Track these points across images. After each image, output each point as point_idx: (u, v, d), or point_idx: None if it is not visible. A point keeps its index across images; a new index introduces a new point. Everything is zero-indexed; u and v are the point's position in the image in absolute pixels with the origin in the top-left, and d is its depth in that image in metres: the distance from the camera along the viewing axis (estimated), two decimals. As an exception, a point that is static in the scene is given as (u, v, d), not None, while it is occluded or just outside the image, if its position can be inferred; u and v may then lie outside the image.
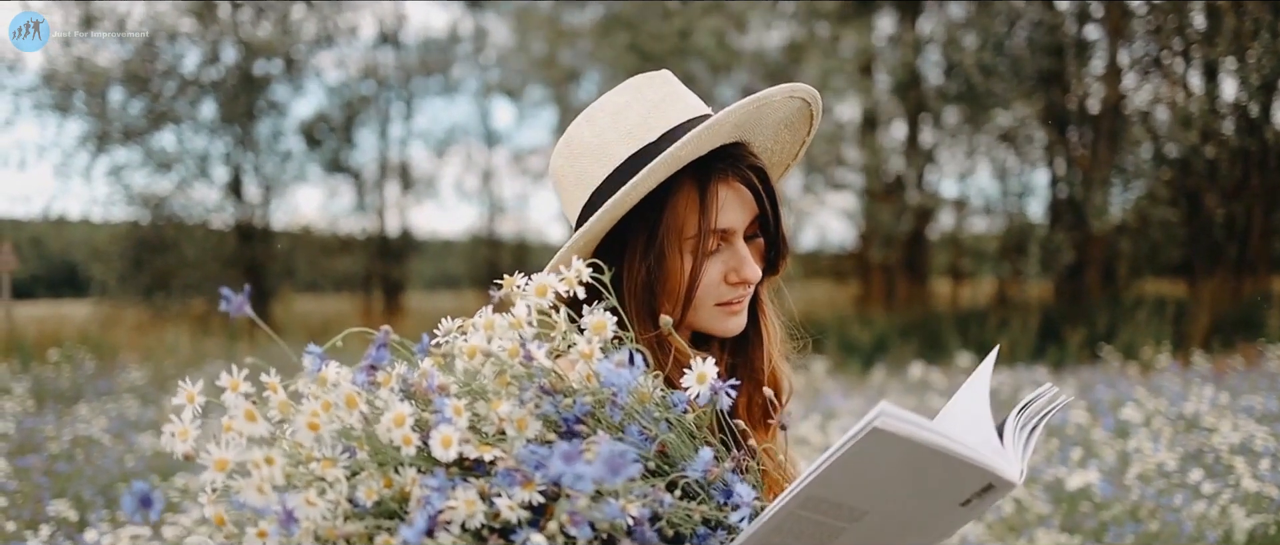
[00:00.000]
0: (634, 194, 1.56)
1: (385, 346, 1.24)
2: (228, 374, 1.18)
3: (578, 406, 1.22)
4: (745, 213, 1.64)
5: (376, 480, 1.17)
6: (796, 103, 1.67)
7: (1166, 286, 20.03)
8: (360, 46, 23.83)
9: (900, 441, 1.02)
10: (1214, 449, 6.08)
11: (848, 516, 1.13)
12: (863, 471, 1.07)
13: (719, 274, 1.64)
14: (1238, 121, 18.10)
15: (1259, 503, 5.14)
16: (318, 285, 23.01)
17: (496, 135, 25.52)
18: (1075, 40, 18.73)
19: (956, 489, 1.11)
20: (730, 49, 18.41)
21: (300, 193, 47.37)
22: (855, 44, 18.35)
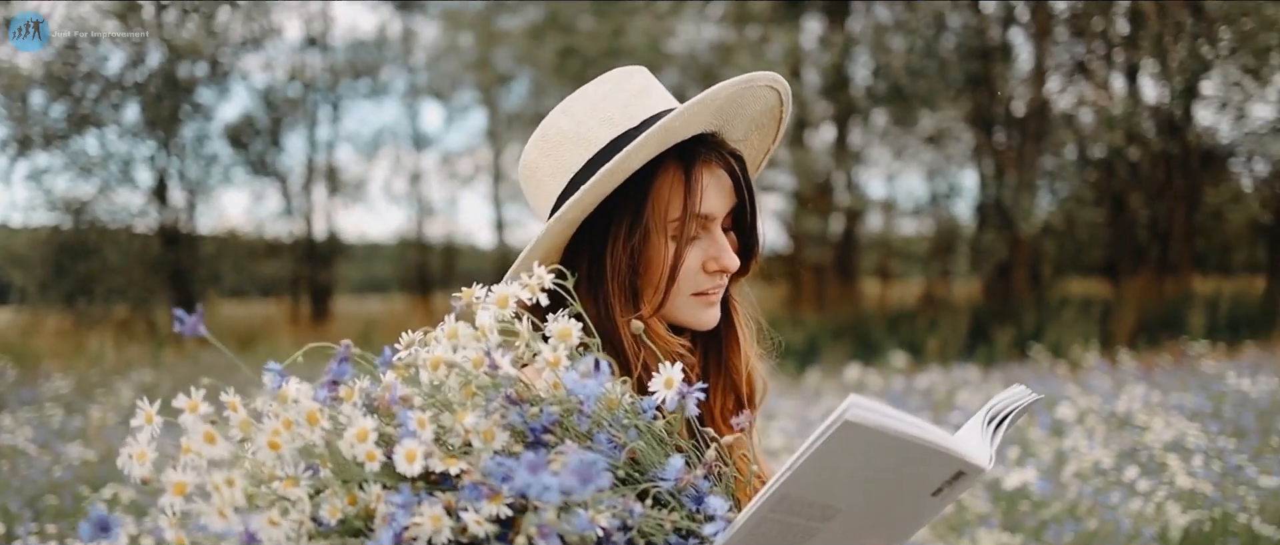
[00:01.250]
0: (623, 168, 1.55)
1: (347, 361, 1.21)
2: (186, 394, 1.14)
3: (544, 416, 1.19)
4: (725, 200, 1.64)
5: (340, 498, 1.13)
6: (772, 97, 1.67)
7: (1091, 286, 20.35)
8: (287, 49, 23.61)
9: (872, 433, 1.01)
10: (1147, 447, 6.15)
11: (820, 515, 1.12)
12: (835, 467, 1.06)
13: (698, 261, 1.64)
14: (1160, 124, 18.41)
15: (1193, 499, 5.21)
16: (244, 290, 22.74)
17: (425, 138, 25.43)
18: (1001, 44, 18.96)
19: (927, 479, 1.11)
20: (661, 51, 18.43)
21: (226, 197, 46.81)
22: (784, 46, 18.43)
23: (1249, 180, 20.96)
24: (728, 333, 1.76)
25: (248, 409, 1.18)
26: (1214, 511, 5.13)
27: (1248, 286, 19.47)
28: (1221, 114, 19.19)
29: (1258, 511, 5.11)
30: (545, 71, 19.75)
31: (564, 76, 19.03)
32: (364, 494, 1.13)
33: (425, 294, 24.05)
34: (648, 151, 1.55)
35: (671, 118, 1.53)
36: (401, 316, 21.14)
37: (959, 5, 18.60)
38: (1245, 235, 21.42)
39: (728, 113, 1.64)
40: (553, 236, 1.60)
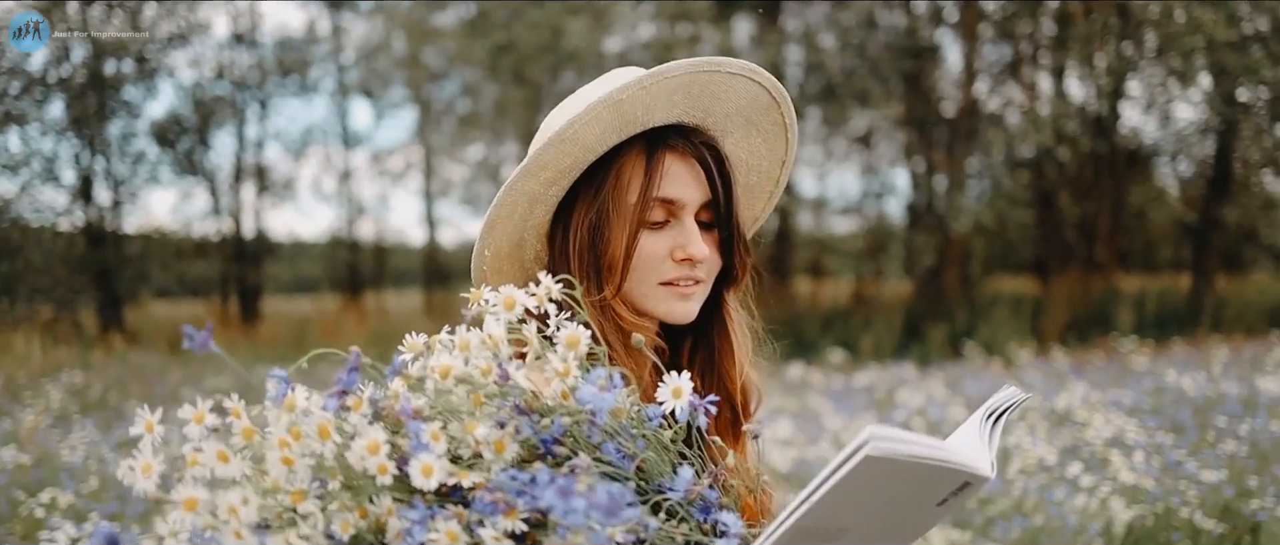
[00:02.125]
0: (571, 138, 1.55)
1: (356, 370, 1.17)
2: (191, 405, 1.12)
3: (555, 426, 1.17)
4: (696, 191, 1.63)
5: (351, 512, 1.10)
6: (755, 91, 1.64)
7: (1020, 284, 20.60)
8: (214, 46, 23.32)
9: (892, 463, 1.01)
10: (1089, 443, 6.23)
11: (831, 537, 1.12)
12: (852, 497, 1.06)
13: (665, 249, 1.63)
14: (1087, 124, 18.68)
15: (1136, 495, 5.29)
16: (172, 290, 22.44)
17: (355, 136, 25.19)
18: (930, 44, 19.16)
19: (935, 491, 1.11)
20: (596, 50, 18.40)
21: (153, 195, 46.21)
22: (717, 43, 18.47)
23: (1173, 180, 21.37)
24: (721, 339, 1.76)
25: (251, 417, 1.14)
26: (1157, 506, 5.21)
27: (1172, 284, 19.81)
28: (1147, 115, 19.55)
29: (1199, 506, 5.20)
30: (479, 69, 19.66)
31: (498, 74, 18.95)
32: (374, 507, 1.11)
33: (356, 293, 23.87)
34: (601, 125, 1.56)
35: (621, 88, 1.53)
36: (333, 316, 20.98)
37: (891, 5, 18.76)
38: (1169, 234, 21.82)
39: (704, 103, 1.63)
40: (506, 208, 1.62)
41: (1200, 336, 14.02)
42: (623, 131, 1.60)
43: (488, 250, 1.69)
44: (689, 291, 1.65)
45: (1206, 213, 18.97)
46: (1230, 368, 9.85)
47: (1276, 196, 20.18)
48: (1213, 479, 5.33)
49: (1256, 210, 19.11)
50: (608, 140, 1.60)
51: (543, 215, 1.68)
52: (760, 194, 1.83)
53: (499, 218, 1.64)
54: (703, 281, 1.67)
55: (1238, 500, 5.37)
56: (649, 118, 1.60)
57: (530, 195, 1.63)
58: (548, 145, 1.56)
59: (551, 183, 1.63)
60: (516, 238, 1.70)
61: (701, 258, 1.62)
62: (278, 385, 1.17)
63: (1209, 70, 17.28)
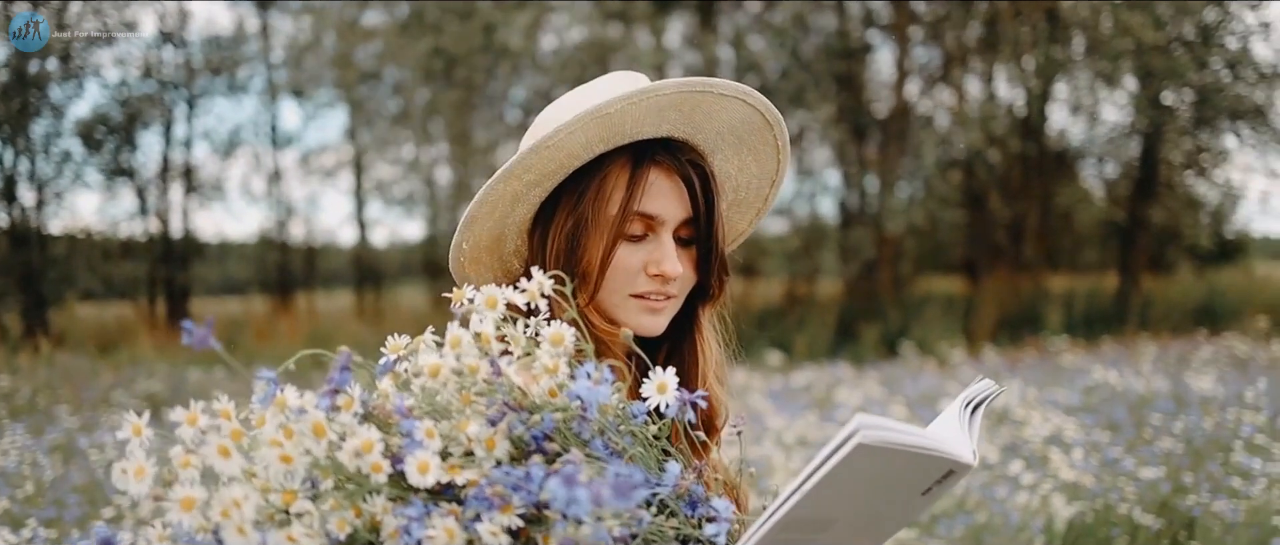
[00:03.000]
0: (555, 144, 1.56)
1: (348, 369, 1.17)
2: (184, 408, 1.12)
3: (546, 422, 1.17)
4: (678, 207, 1.64)
5: (346, 510, 1.10)
6: (746, 112, 1.65)
7: (950, 284, 20.80)
8: (141, 45, 22.94)
9: (882, 451, 1.03)
10: (1027, 441, 6.31)
11: (819, 528, 1.13)
12: (842, 487, 1.07)
13: (639, 263, 1.63)
14: (1015, 126, 18.92)
15: (1076, 492, 5.37)
16: (98, 292, 22.08)
17: (285, 136, 24.94)
18: (862, 45, 19.31)
19: (920, 480, 1.13)
20: (531, 51, 18.36)
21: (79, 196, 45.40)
22: (651, 45, 18.51)
23: (1099, 182, 21.69)
24: (690, 354, 1.76)
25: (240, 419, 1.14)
26: (1096, 503, 5.30)
27: (1099, 284, 20.09)
28: (1074, 117, 19.83)
29: (1137, 502, 5.29)
30: (410, 69, 19.54)
31: (431, 75, 18.85)
32: (368, 506, 1.11)
33: (286, 294, 23.62)
34: (587, 135, 1.56)
35: (610, 103, 1.53)
36: (263, 318, 20.76)
37: (822, 6, 18.88)
38: (1095, 234, 22.14)
39: (695, 120, 1.64)
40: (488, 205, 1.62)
41: (1128, 335, 14.25)
42: (609, 142, 1.61)
43: (465, 243, 1.69)
44: (659, 305, 1.66)
45: (1132, 213, 19.27)
46: (1159, 366, 10.02)
47: (1199, 198, 20.57)
48: (1150, 476, 5.42)
49: (1180, 211, 19.46)
50: (594, 148, 1.61)
51: (525, 213, 1.68)
52: (747, 210, 1.84)
53: (480, 214, 1.64)
54: (675, 297, 1.68)
55: (1174, 496, 5.48)
56: (637, 130, 1.61)
57: (512, 194, 1.63)
58: (533, 150, 1.56)
59: (534, 184, 1.63)
60: (496, 232, 1.70)
61: (675, 276, 1.63)
62: (266, 386, 1.16)
63: (1135, 73, 17.56)
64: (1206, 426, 6.40)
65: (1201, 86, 17.53)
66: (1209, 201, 20.77)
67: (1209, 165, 19.90)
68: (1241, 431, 6.04)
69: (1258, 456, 5.55)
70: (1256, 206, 33.68)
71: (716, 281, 1.70)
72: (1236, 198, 20.52)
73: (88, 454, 6.57)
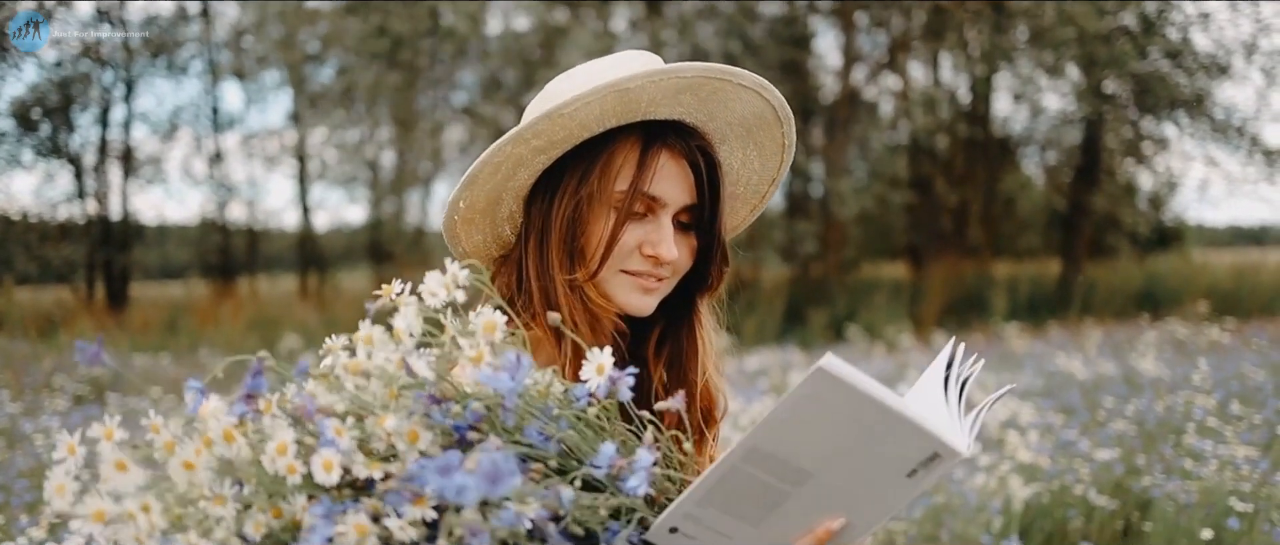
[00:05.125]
0: (565, 114, 1.55)
1: (261, 374, 1.20)
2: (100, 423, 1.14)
3: (468, 413, 1.17)
4: (682, 192, 1.62)
5: (265, 512, 1.13)
6: (760, 105, 1.63)
7: (895, 270, 20.93)
8: (77, 23, 22.57)
9: (843, 387, 1.04)
10: (984, 425, 6.35)
11: (793, 479, 1.13)
12: (808, 424, 1.08)
13: (635, 241, 1.62)
14: (959, 113, 19.06)
15: (1033, 473, 5.41)
16: (35, 275, 21.74)
17: (227, 118, 24.64)
18: (808, 32, 19.36)
19: (902, 456, 1.11)
20: (479, 34, 18.26)
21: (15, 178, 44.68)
22: (597, 31, 18.45)
23: (1039, 169, 21.91)
24: (688, 342, 1.75)
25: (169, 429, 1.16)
26: (1052, 484, 5.35)
27: (1042, 269, 20.29)
28: (1018, 105, 20.00)
29: (1092, 483, 5.35)
30: (355, 52, 19.37)
31: (375, 57, 18.70)
32: (289, 507, 1.12)
33: (228, 278, 23.35)
34: (602, 107, 1.55)
35: (631, 77, 1.52)
36: (204, 302, 20.52)
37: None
38: (1037, 221, 22.36)
39: (709, 107, 1.62)
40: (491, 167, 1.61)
41: (1073, 320, 14.39)
42: (623, 117, 1.59)
43: (463, 203, 1.68)
44: (651, 286, 1.65)
45: (1074, 200, 19.47)
46: (1104, 350, 10.15)
47: (1139, 185, 20.83)
48: (1105, 457, 5.47)
49: (1121, 198, 19.69)
50: (606, 122, 1.59)
51: (526, 178, 1.67)
52: (744, 204, 1.83)
53: (482, 175, 1.63)
54: (667, 279, 1.67)
55: (1128, 477, 5.55)
56: (651, 110, 1.60)
57: (517, 158, 1.62)
58: (545, 116, 1.54)
59: (540, 151, 1.62)
60: (494, 195, 1.69)
61: (670, 260, 1.61)
62: (195, 396, 1.19)
63: (1078, 62, 17.74)
64: (1158, 409, 6.47)
65: (1142, 75, 17.74)
66: (1148, 189, 21.05)
67: (1149, 153, 20.17)
68: (1193, 414, 6.13)
69: (1208, 438, 5.63)
70: (1194, 194, 34.14)
71: (716, 270, 1.69)
72: (1175, 185, 20.82)
73: (33, 439, 6.46)
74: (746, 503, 1.16)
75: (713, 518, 1.17)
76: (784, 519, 1.18)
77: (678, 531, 1.19)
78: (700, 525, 1.18)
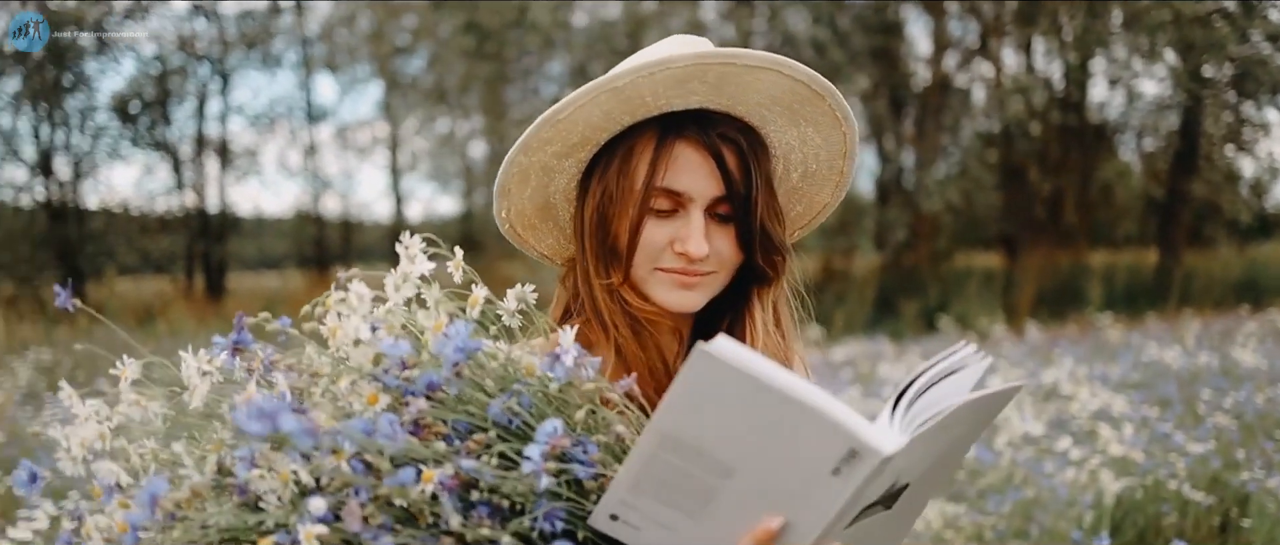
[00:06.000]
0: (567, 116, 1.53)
1: (244, 329, 1.28)
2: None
3: (422, 379, 1.18)
4: (708, 183, 1.56)
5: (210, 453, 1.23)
6: (785, 82, 1.55)
7: (989, 259, 20.67)
8: (174, 18, 22.95)
9: (727, 370, 1.03)
10: (1075, 417, 6.24)
11: (717, 471, 1.11)
12: (707, 409, 1.07)
13: (665, 239, 1.57)
14: (1053, 100, 18.76)
15: (1125, 467, 5.30)
16: (136, 266, 22.18)
17: (320, 110, 24.91)
18: (899, 19, 19.16)
19: (819, 452, 1.08)
20: (565, 25, 18.30)
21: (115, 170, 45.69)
22: (686, 19, 18.41)
23: (1136, 156, 21.50)
24: (739, 339, 1.66)
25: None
26: (1146, 479, 5.23)
27: (1139, 258, 19.93)
28: (1113, 90, 19.64)
29: (1187, 478, 5.22)
30: (444, 44, 19.51)
31: (464, 49, 18.82)
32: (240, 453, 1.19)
33: (322, 269, 23.65)
34: (602, 108, 1.53)
35: (618, 75, 1.49)
36: (300, 292, 20.79)
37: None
38: (1134, 209, 21.94)
39: (729, 92, 1.55)
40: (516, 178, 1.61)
41: (1171, 311, 14.11)
42: (635, 114, 1.55)
43: (503, 213, 1.67)
44: (690, 282, 1.59)
45: (1172, 188, 19.08)
46: (1203, 341, 9.91)
47: (1239, 171, 20.36)
48: (1200, 451, 5.35)
49: (1220, 185, 19.25)
50: (619, 120, 1.56)
51: (565, 183, 1.65)
52: (824, 184, 1.73)
53: (510, 185, 1.62)
54: (712, 273, 1.60)
55: (1226, 472, 5.41)
56: (663, 103, 1.55)
57: (541, 166, 1.60)
58: (544, 123, 1.52)
59: (563, 156, 1.60)
60: (540, 202, 1.67)
61: (698, 256, 1.55)
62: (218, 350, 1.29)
63: (1175, 46, 17.37)
64: (1258, 402, 6.31)
65: (1242, 59, 17.32)
66: (1249, 175, 20.56)
67: (1250, 139, 19.68)
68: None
69: (1311, 432, 5.49)
70: (1296, 181, 33.27)
71: (767, 262, 1.62)
72: (1277, 171, 20.30)
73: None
74: (679, 494, 1.14)
75: (650, 507, 1.15)
76: (721, 515, 1.15)
77: (619, 519, 1.17)
78: (640, 514, 1.16)
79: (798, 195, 1.74)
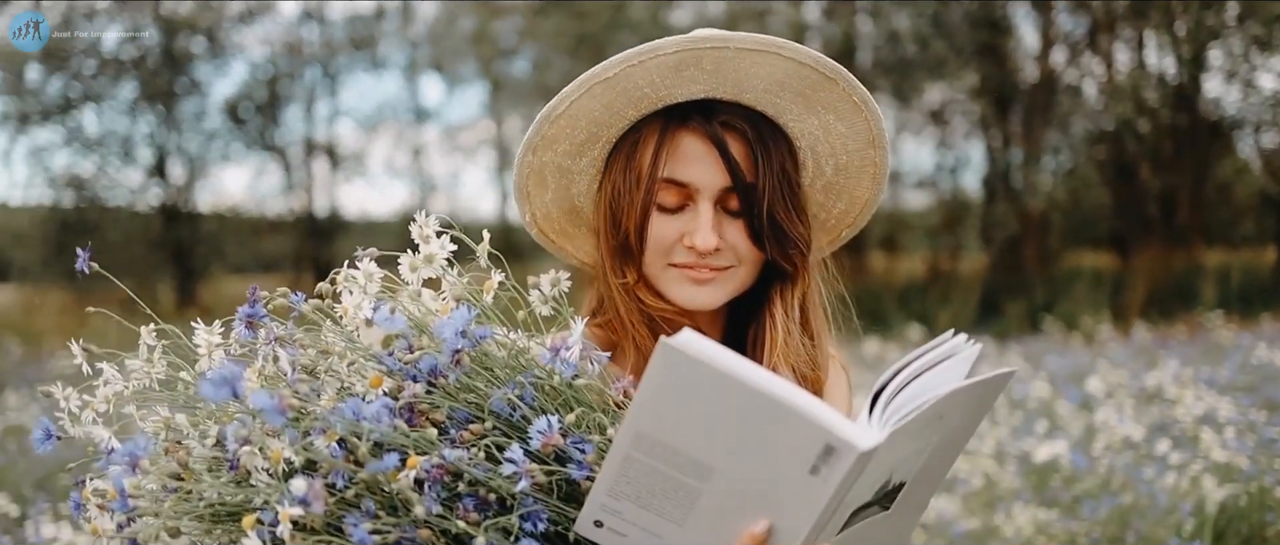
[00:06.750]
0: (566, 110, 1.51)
1: (257, 302, 1.28)
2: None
3: (425, 363, 1.17)
4: (714, 174, 1.51)
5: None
6: (787, 65, 1.49)
7: (1099, 259, 20.25)
8: (283, 22, 23.36)
9: (694, 365, 1.01)
10: (1178, 420, 6.06)
11: (696, 473, 1.09)
12: (679, 407, 1.05)
13: (674, 234, 1.53)
14: (1167, 95, 18.33)
15: (1229, 473, 5.12)
16: (247, 267, 22.64)
17: (426, 112, 25.20)
18: (1005, 14, 18.85)
19: (795, 449, 1.05)
20: (664, 25, 18.30)
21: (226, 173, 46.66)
22: (788, 17, 18.30)
23: (1254, 152, 20.89)
24: (758, 338, 1.63)
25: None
26: (1250, 485, 5.04)
27: (1256, 258, 19.38)
28: (1229, 85, 19.09)
29: (1295, 485, 5.03)
30: (548, 45, 19.61)
31: (567, 50, 18.91)
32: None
33: (427, 269, 23.95)
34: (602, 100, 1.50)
35: (608, 65, 1.46)
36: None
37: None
38: (1252, 207, 21.32)
39: (732, 79, 1.50)
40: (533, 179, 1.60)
41: (1287, 312, 13.70)
42: (637, 106, 1.51)
43: (527, 215, 1.65)
44: (704, 277, 1.54)
45: (1293, 186, 18.54)
46: (1321, 344, 9.58)
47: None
48: (1310, 457, 5.15)
49: (1343, 183, 18.66)
50: (623, 114, 1.52)
51: (585, 185, 1.63)
52: (860, 176, 1.66)
53: (527, 187, 1.60)
54: (729, 268, 1.56)
55: (1338, 480, 5.20)
56: (665, 95, 1.51)
57: (558, 168, 1.58)
58: (542, 120, 1.50)
59: (575, 155, 1.58)
60: (566, 206, 1.65)
61: (706, 249, 1.51)
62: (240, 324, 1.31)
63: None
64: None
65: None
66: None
67: (1372, 135, 19.06)
68: None
69: None
70: None
71: (783, 257, 1.56)
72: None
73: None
74: (660, 498, 1.11)
75: (633, 513, 1.13)
76: (706, 520, 1.12)
77: (604, 526, 1.15)
78: (624, 521, 1.14)
79: (836, 191, 1.68)
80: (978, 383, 1.16)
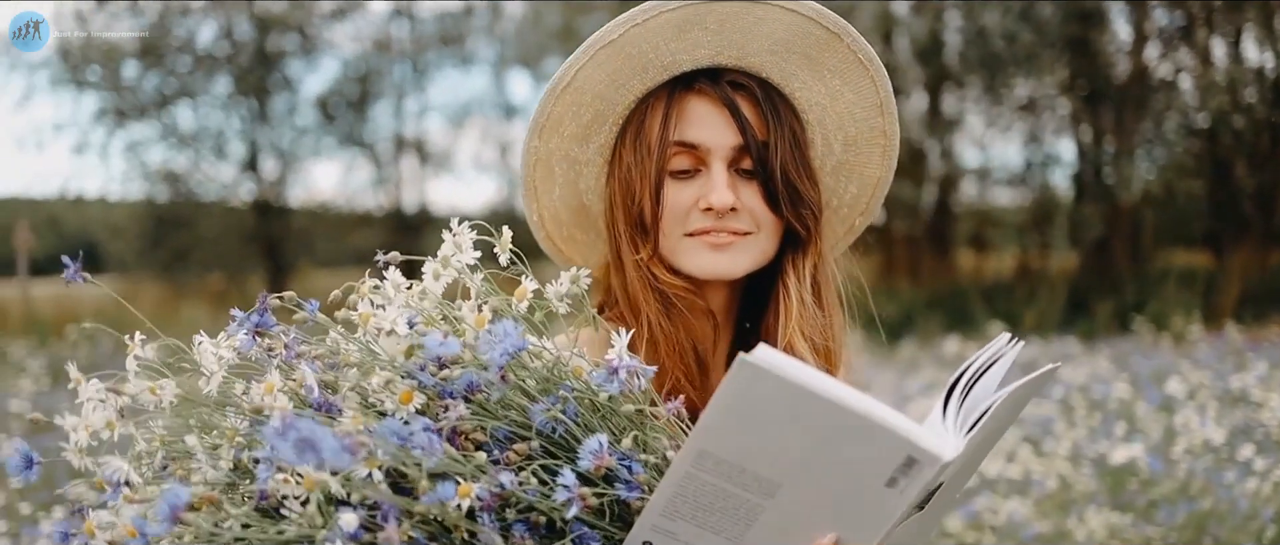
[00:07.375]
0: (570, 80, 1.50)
1: (267, 310, 1.25)
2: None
3: (462, 379, 1.13)
4: (725, 133, 1.51)
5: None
6: (791, 19, 1.47)
7: (1192, 258, 19.85)
8: (373, 19, 23.58)
9: (774, 380, 0.98)
10: (1263, 425, 5.91)
11: (760, 490, 1.06)
12: (751, 423, 1.02)
13: (690, 199, 1.52)
14: (1264, 91, 17.91)
15: (1314, 479, 4.99)
16: (337, 261, 22.93)
17: (514, 107, 25.32)
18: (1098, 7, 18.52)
19: (872, 462, 1.02)
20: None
21: (317, 168, 47.31)
22: (873, 10, 18.11)
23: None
24: (770, 312, 1.61)
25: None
26: (1335, 492, 4.92)
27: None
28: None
29: (1383, 494, 4.89)
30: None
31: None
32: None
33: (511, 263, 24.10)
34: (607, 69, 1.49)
35: (612, 27, 1.45)
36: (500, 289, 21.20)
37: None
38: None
39: (736, 40, 1.49)
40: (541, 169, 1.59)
41: (1390, 314, 13.35)
42: (644, 77, 1.51)
43: (535, 215, 1.64)
44: (722, 242, 1.52)
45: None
46: None
47: None
48: (1401, 466, 5.00)
49: None
50: (628, 85, 1.51)
51: (593, 177, 1.62)
52: (870, 148, 1.64)
53: (536, 181, 1.59)
54: (748, 233, 1.53)
55: None
56: (669, 60, 1.50)
57: (566, 158, 1.57)
58: (549, 95, 1.49)
59: (582, 140, 1.56)
60: (573, 203, 1.64)
61: (722, 207, 1.49)
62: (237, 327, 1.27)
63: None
64: None
65: None
66: None
67: None
68: None
69: None
70: None
71: (796, 218, 1.54)
72: None
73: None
74: (718, 516, 1.08)
75: (688, 532, 1.09)
76: (765, 536, 1.09)
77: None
78: (676, 541, 1.10)
79: (846, 171, 1.67)
80: (1027, 382, 1.15)
